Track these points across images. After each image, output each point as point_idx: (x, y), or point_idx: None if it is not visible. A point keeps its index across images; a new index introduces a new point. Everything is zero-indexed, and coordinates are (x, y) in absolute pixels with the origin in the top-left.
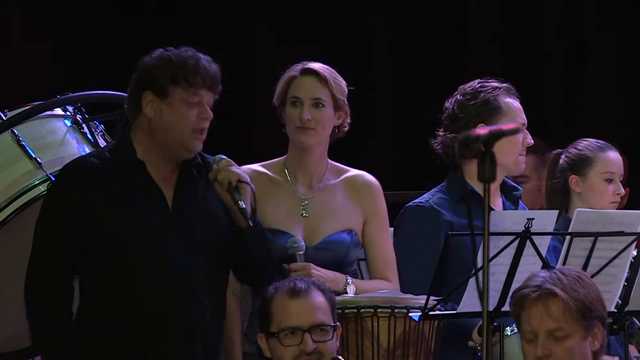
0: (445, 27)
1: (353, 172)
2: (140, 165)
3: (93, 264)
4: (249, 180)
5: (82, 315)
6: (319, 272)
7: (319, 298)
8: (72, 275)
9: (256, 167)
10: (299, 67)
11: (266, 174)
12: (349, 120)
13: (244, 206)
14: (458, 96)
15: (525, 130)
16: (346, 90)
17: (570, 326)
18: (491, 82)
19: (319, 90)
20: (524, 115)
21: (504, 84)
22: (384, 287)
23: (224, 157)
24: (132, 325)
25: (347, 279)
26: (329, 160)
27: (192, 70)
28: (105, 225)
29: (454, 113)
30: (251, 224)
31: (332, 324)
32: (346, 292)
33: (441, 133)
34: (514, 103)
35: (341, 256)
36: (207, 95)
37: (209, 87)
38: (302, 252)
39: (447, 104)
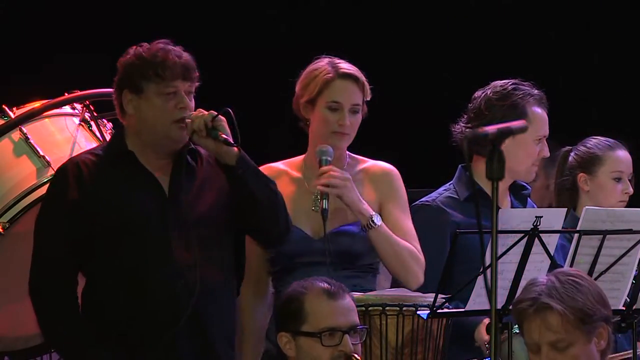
0: (450, 25)
1: (370, 162)
2: (130, 155)
3: (95, 256)
4: (217, 112)
5: (86, 305)
6: (337, 173)
7: (350, 299)
8: (77, 270)
9: (277, 165)
10: (332, 67)
11: (286, 171)
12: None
13: (225, 137)
14: (489, 92)
15: (544, 142)
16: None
17: (571, 335)
18: (525, 86)
19: (357, 96)
20: (547, 128)
21: (537, 92)
22: (410, 247)
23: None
24: (138, 314)
25: (372, 215)
26: (348, 153)
27: (160, 63)
28: (104, 218)
29: (480, 109)
30: (237, 147)
31: (365, 327)
32: (373, 222)
33: (462, 123)
34: (541, 113)
35: (347, 247)
36: (183, 85)
37: (182, 77)
38: (328, 158)
39: (476, 94)
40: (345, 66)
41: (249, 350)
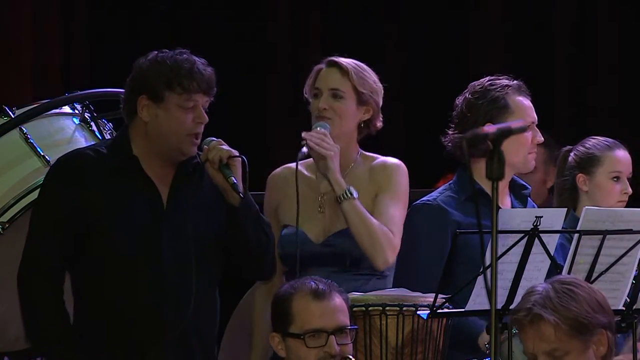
0: (453, 26)
1: (380, 159)
2: (134, 161)
3: (86, 259)
4: (238, 153)
5: (76, 310)
6: (329, 140)
7: (340, 300)
8: (65, 269)
9: (292, 165)
10: (325, 60)
11: (300, 171)
12: (381, 118)
13: (235, 181)
14: (467, 94)
15: (535, 128)
16: (376, 86)
17: (566, 344)
18: (501, 80)
19: (338, 81)
20: (534, 114)
21: (514, 82)
22: (384, 228)
23: (214, 138)
24: (126, 322)
25: (350, 188)
26: (361, 150)
27: (186, 74)
28: (99, 220)
29: (462, 112)
30: (242, 196)
31: (354, 327)
32: (350, 193)
33: (450, 131)
34: (523, 101)
35: (345, 250)
36: (202, 99)
37: (204, 92)
38: (321, 128)
39: (457, 101)
40: (337, 57)
41: (259, 349)
